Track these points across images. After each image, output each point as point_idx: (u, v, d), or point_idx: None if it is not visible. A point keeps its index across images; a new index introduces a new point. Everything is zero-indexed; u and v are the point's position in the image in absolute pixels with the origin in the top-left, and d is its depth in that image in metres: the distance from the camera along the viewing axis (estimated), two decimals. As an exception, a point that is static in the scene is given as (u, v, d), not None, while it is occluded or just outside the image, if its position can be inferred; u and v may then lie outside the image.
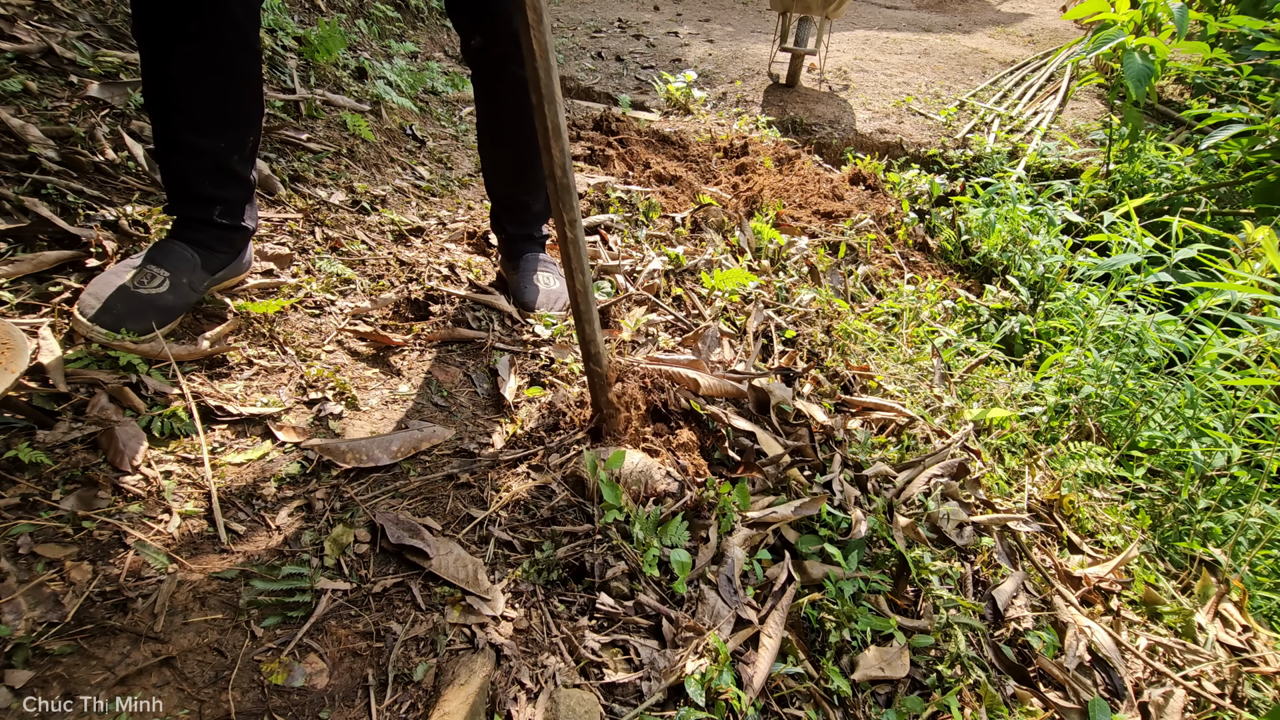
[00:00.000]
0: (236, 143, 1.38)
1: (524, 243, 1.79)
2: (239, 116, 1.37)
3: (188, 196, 1.38)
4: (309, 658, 0.88)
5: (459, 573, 1.02)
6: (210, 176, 1.37)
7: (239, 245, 1.47)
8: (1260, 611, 1.51)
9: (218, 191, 1.38)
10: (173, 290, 1.30)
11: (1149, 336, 2.03)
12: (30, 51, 1.77)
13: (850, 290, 2.43)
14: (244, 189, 1.44)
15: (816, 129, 4.47)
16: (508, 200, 1.76)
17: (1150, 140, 3.81)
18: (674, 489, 1.26)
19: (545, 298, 1.74)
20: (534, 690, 0.91)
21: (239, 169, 1.40)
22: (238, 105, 1.36)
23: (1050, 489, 1.67)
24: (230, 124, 1.36)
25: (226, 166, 1.38)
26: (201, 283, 1.38)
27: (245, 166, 1.42)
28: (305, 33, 2.64)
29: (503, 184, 1.74)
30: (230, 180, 1.40)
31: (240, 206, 1.43)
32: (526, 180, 1.71)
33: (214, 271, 1.42)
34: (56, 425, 1.06)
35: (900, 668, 1.10)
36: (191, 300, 1.36)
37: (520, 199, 1.74)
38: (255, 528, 1.03)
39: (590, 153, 2.93)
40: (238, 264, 1.49)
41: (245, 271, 1.53)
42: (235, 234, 1.44)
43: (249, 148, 1.42)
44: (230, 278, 1.48)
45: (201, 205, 1.38)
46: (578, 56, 5.11)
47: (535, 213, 1.77)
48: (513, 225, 1.78)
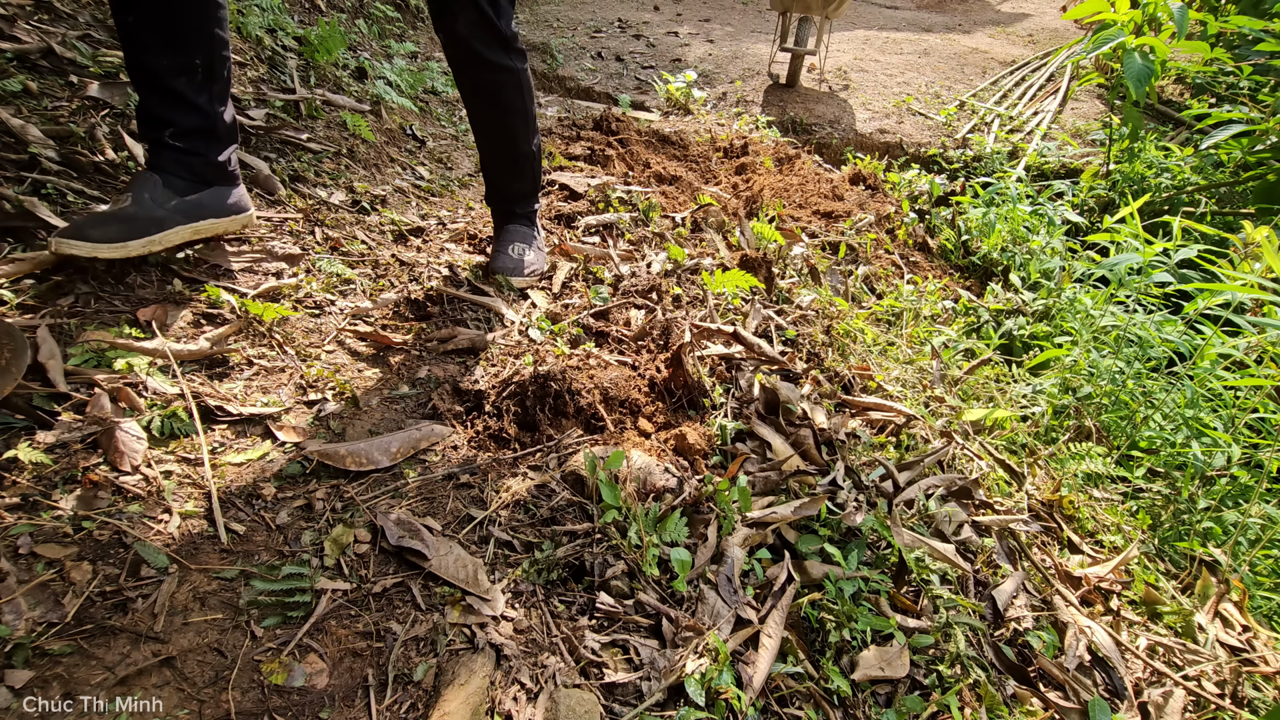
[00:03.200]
0: (180, 66, 1.42)
1: (505, 217, 1.91)
2: (182, 39, 1.41)
3: (140, 114, 1.45)
4: (309, 658, 0.88)
5: (459, 573, 1.02)
6: (155, 94, 1.42)
7: (203, 175, 1.51)
8: (1260, 611, 1.51)
9: (164, 111, 1.44)
10: (135, 203, 1.39)
11: (1149, 336, 2.03)
12: (30, 51, 1.77)
13: (850, 290, 2.43)
14: (199, 116, 1.48)
15: (816, 129, 4.47)
16: (491, 178, 1.89)
17: (1150, 140, 3.81)
18: (673, 485, 1.26)
19: (506, 263, 1.85)
20: (534, 690, 0.91)
21: (188, 93, 1.44)
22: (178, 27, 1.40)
23: (1050, 489, 1.67)
24: (172, 46, 1.40)
25: (170, 87, 1.42)
26: (166, 201, 1.43)
27: (197, 93, 1.46)
28: (305, 33, 2.64)
29: (487, 165, 1.87)
30: (178, 102, 1.44)
31: (195, 135, 1.48)
32: (501, 165, 1.85)
33: (182, 194, 1.47)
34: (56, 425, 1.06)
35: (900, 667, 1.09)
36: (155, 214, 1.41)
37: (498, 179, 1.87)
38: (255, 528, 1.03)
39: (590, 153, 2.93)
40: (215, 198, 1.53)
41: (238, 218, 1.59)
42: (193, 160, 1.49)
43: (199, 74, 1.45)
44: (211, 216, 1.53)
45: (151, 124, 1.45)
46: (578, 56, 5.11)
47: (514, 191, 1.88)
48: (498, 199, 1.90)
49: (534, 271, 1.88)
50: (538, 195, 1.96)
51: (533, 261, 1.88)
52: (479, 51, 1.60)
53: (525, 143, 1.81)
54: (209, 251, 1.56)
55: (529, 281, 1.86)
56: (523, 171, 1.86)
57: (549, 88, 4.88)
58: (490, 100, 1.71)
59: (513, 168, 1.85)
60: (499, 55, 1.63)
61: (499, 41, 1.61)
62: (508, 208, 1.91)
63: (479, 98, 1.72)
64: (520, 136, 1.79)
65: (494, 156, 1.84)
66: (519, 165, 1.84)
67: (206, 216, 1.51)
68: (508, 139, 1.79)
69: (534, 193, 1.94)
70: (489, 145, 1.83)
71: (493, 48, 1.61)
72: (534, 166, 1.88)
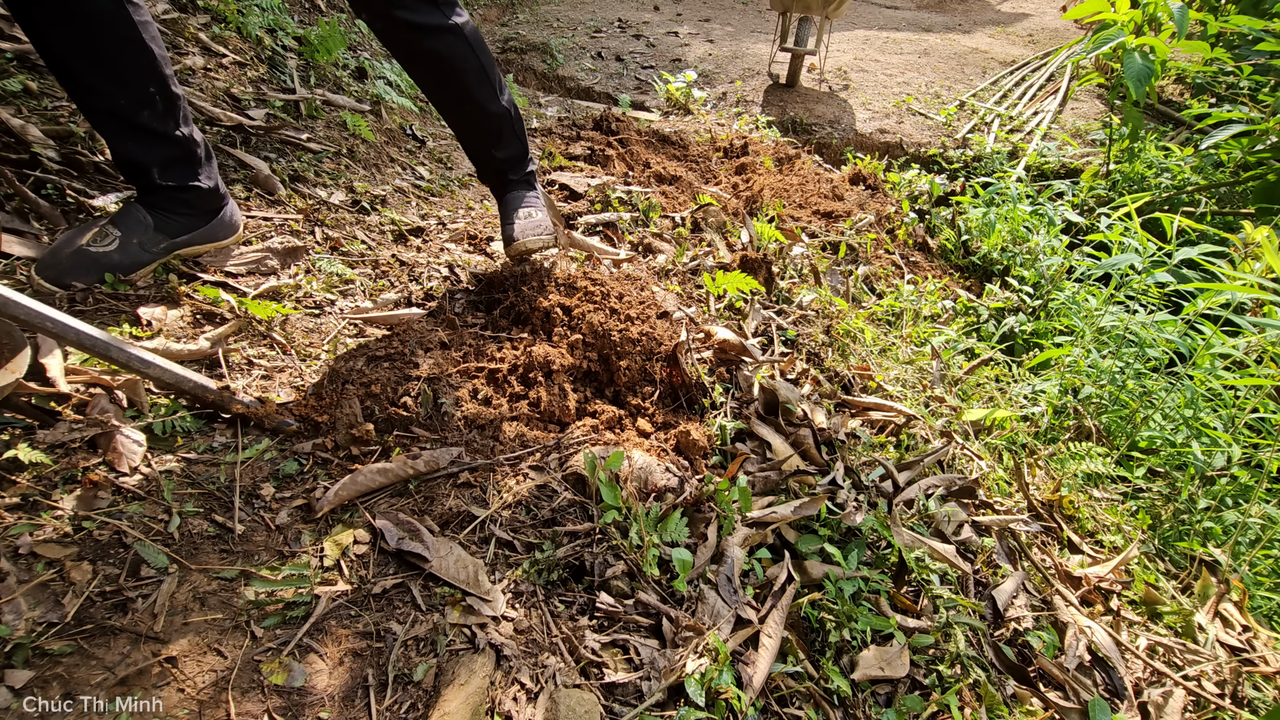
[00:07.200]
0: (137, 99, 1.33)
1: (502, 186, 1.80)
2: (123, 71, 1.32)
3: (121, 162, 1.41)
4: (309, 658, 0.88)
5: (459, 573, 1.02)
6: (125, 136, 1.36)
7: (199, 206, 1.47)
8: (1260, 611, 1.51)
9: (141, 153, 1.39)
10: (120, 250, 1.36)
11: (1149, 336, 2.03)
12: (30, 51, 1.77)
13: (850, 290, 2.43)
14: (175, 147, 1.41)
15: (816, 129, 4.47)
16: (473, 153, 1.77)
17: (1150, 140, 3.81)
18: (674, 484, 1.26)
19: (523, 228, 1.72)
20: (534, 690, 0.91)
21: (156, 126, 1.37)
22: (117, 59, 1.30)
23: (1050, 489, 1.67)
24: (117, 80, 1.31)
25: (139, 124, 1.35)
26: (155, 244, 1.41)
27: (164, 123, 1.38)
28: (305, 33, 2.64)
29: (463, 139, 1.74)
30: (151, 139, 1.38)
31: (179, 166, 1.43)
32: (475, 135, 1.71)
33: (173, 235, 1.44)
34: (56, 425, 1.06)
35: (900, 667, 1.10)
36: (142, 260, 1.40)
37: (479, 151, 1.75)
38: (255, 528, 1.03)
39: (590, 153, 2.93)
40: (209, 229, 1.50)
41: (228, 239, 1.55)
42: (187, 194, 1.44)
43: (158, 104, 1.36)
44: (202, 242, 1.50)
45: (135, 170, 1.41)
46: (578, 56, 5.11)
47: (501, 159, 1.75)
48: (488, 173, 1.80)
49: (547, 231, 1.73)
50: (528, 155, 1.81)
51: (542, 221, 1.74)
52: (406, 19, 1.44)
53: (493, 102, 1.63)
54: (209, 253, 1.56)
55: (545, 241, 1.71)
56: (500, 134, 1.69)
57: (549, 88, 4.88)
58: (437, 68, 1.54)
59: (489, 134, 1.69)
60: (429, 14, 1.46)
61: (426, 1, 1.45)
62: (500, 177, 1.78)
63: (425, 69, 1.55)
64: (485, 97, 1.61)
65: (465, 128, 1.69)
66: (495, 129, 1.68)
67: (195, 243, 1.50)
68: (472, 105, 1.62)
69: (523, 155, 1.78)
70: (454, 117, 1.67)
71: (419, 9, 1.44)
72: (512, 126, 1.71)
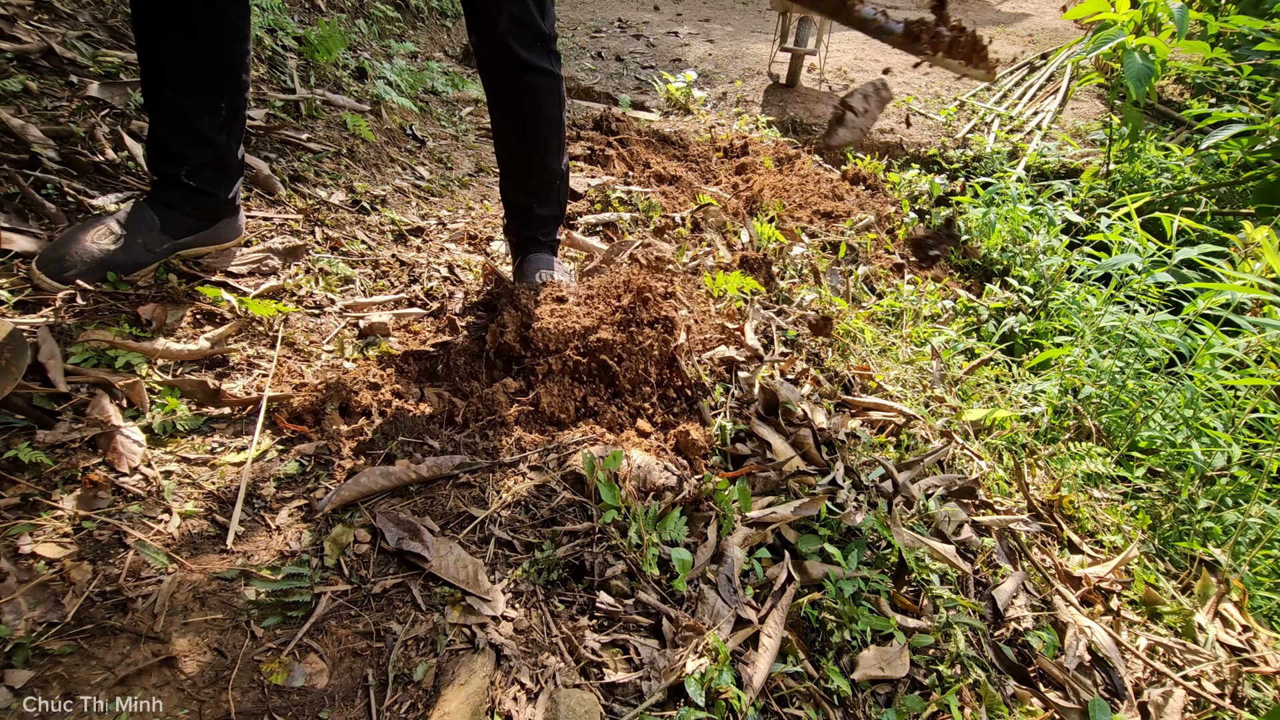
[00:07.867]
0: (205, 107, 1.40)
1: (527, 244, 1.76)
2: (214, 84, 1.40)
3: (156, 149, 1.43)
4: (309, 658, 0.88)
5: (459, 573, 1.02)
6: (175, 131, 1.40)
7: (211, 214, 1.50)
8: (1260, 611, 1.51)
9: (182, 148, 1.42)
10: (124, 250, 1.36)
11: (1149, 336, 2.03)
12: (30, 51, 1.77)
13: (850, 290, 2.43)
14: (214, 154, 1.45)
15: (816, 129, 4.47)
16: (513, 202, 1.73)
17: (1150, 140, 3.81)
18: (672, 483, 1.26)
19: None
20: (534, 690, 0.91)
21: (208, 133, 1.42)
22: (209, 72, 1.38)
23: (1050, 489, 1.67)
24: (202, 89, 1.39)
25: (193, 126, 1.40)
26: (159, 244, 1.42)
27: (217, 133, 1.44)
28: (305, 33, 2.64)
29: (510, 186, 1.71)
30: (196, 140, 1.42)
31: (209, 172, 1.46)
32: (527, 185, 1.69)
33: (177, 236, 1.44)
34: (56, 425, 1.06)
35: (900, 667, 1.09)
36: (145, 260, 1.40)
37: (522, 202, 1.72)
38: (255, 528, 1.03)
39: (590, 153, 2.93)
40: (213, 231, 1.52)
41: (230, 242, 1.57)
42: (204, 200, 1.47)
43: (222, 115, 1.43)
44: (206, 243, 1.51)
45: (168, 161, 1.42)
46: (578, 56, 5.11)
47: (540, 216, 1.73)
48: (518, 227, 1.75)
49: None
50: (561, 221, 1.78)
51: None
52: (517, 51, 1.44)
53: (555, 159, 1.65)
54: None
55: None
56: (547, 192, 1.69)
57: (549, 88, 4.86)
58: (527, 107, 1.54)
59: (539, 187, 1.68)
60: (539, 57, 1.48)
61: (540, 42, 1.47)
62: (529, 234, 1.73)
63: (513, 104, 1.55)
64: (551, 151, 1.63)
65: (521, 174, 1.67)
66: (546, 185, 1.67)
67: (199, 244, 1.51)
68: (539, 153, 1.62)
69: (559, 218, 1.77)
70: (517, 160, 1.65)
71: (533, 48, 1.46)
72: (562, 189, 1.72)
